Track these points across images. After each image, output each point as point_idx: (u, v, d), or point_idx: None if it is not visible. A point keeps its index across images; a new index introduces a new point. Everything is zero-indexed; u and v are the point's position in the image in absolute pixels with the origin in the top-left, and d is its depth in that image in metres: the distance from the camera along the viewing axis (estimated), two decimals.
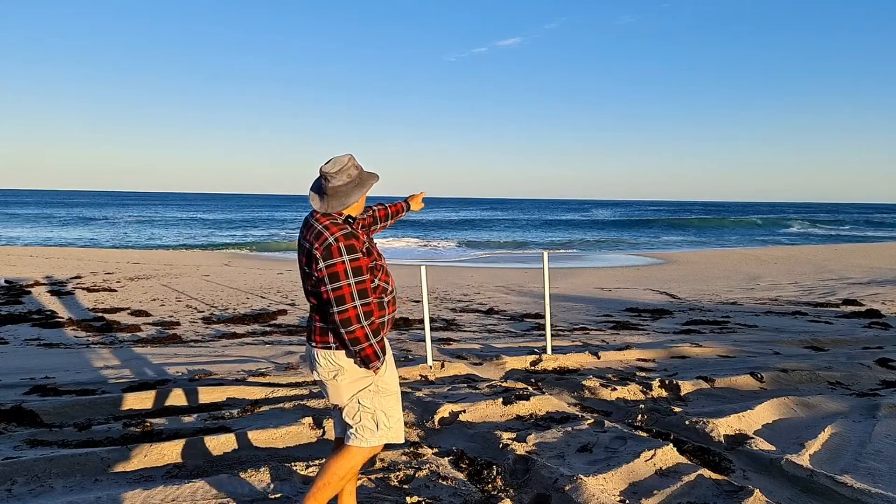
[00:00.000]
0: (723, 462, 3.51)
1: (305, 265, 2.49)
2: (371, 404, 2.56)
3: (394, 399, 2.65)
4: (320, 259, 2.39)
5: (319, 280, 2.41)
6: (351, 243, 2.41)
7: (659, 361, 6.26)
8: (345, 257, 2.38)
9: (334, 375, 2.53)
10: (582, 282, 14.58)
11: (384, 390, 2.60)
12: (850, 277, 15.15)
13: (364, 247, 2.51)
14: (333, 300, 2.38)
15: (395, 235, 33.59)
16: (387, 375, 2.62)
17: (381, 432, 2.58)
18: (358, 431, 2.57)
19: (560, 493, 3.03)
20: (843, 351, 6.75)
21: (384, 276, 2.63)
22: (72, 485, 3.20)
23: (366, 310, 2.42)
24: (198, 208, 74.84)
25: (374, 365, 2.50)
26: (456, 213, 75.98)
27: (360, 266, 2.41)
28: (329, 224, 2.46)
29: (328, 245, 2.39)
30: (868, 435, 3.92)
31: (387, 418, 2.60)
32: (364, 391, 2.55)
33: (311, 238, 2.45)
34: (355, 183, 2.55)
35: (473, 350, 6.73)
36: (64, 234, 34.30)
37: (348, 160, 2.54)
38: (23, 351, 6.73)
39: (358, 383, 2.54)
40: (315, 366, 2.58)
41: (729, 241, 37.77)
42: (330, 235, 2.41)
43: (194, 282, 13.11)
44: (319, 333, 2.54)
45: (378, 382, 2.58)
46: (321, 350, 2.54)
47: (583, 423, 4.09)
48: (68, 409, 4.37)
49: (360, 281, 2.41)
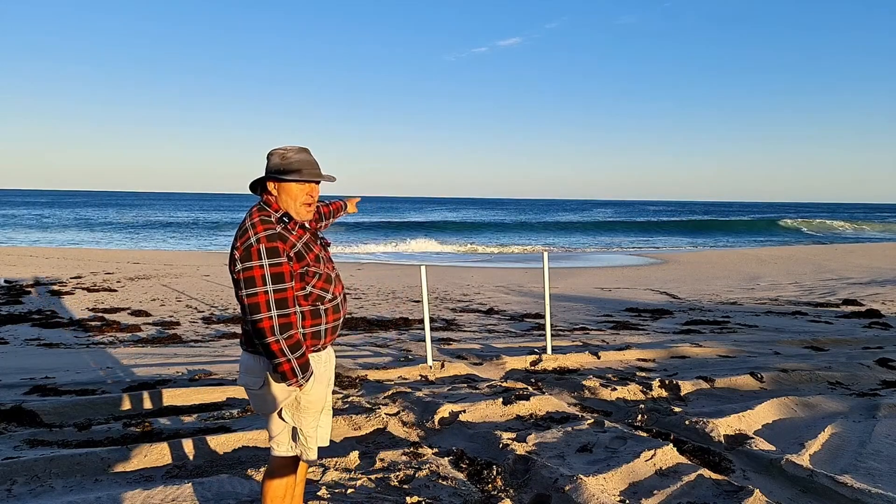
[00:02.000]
0: (723, 462, 3.51)
1: (229, 263, 2.27)
2: (290, 419, 2.40)
3: (313, 416, 2.43)
4: (238, 260, 2.18)
5: (236, 282, 2.21)
6: (274, 245, 2.19)
7: (659, 361, 6.26)
8: (264, 261, 2.16)
9: (260, 385, 2.32)
10: (582, 282, 14.58)
11: (305, 408, 2.39)
12: (850, 277, 15.15)
13: (293, 250, 2.27)
14: (247, 307, 2.16)
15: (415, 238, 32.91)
16: (312, 392, 2.37)
17: (298, 446, 2.44)
18: (277, 439, 2.43)
19: (560, 493, 3.03)
20: (843, 351, 6.75)
21: (321, 283, 2.37)
22: (72, 485, 3.20)
23: (282, 321, 2.18)
24: (198, 208, 75.01)
25: (292, 382, 2.25)
26: (457, 214, 75.93)
27: (281, 272, 2.19)
28: (256, 221, 2.25)
29: (248, 246, 2.18)
30: (868, 435, 3.93)
31: (304, 437, 2.42)
32: (287, 405, 2.37)
33: (236, 234, 2.27)
34: (276, 167, 2.37)
35: (473, 350, 6.74)
36: (64, 234, 34.31)
37: (286, 146, 2.40)
38: (23, 351, 6.73)
39: (280, 396, 2.33)
40: (241, 371, 2.39)
41: (730, 241, 37.76)
42: (253, 235, 2.20)
43: (194, 282, 13.11)
44: (249, 338, 2.31)
45: (300, 398, 2.36)
46: (250, 356, 2.34)
47: (583, 423, 4.09)
48: (68, 409, 4.37)
49: (279, 289, 2.18)
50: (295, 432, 2.43)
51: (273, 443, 2.45)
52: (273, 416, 2.40)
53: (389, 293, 11.97)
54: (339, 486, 3.17)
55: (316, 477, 3.28)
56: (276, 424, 2.41)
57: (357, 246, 28.48)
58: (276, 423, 2.41)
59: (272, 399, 2.34)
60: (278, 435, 2.43)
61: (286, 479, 2.47)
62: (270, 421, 2.42)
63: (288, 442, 2.44)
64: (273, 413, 2.39)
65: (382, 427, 4.14)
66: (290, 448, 2.45)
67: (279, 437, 2.43)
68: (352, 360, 6.05)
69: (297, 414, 2.40)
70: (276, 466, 2.45)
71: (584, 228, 49.58)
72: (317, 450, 2.49)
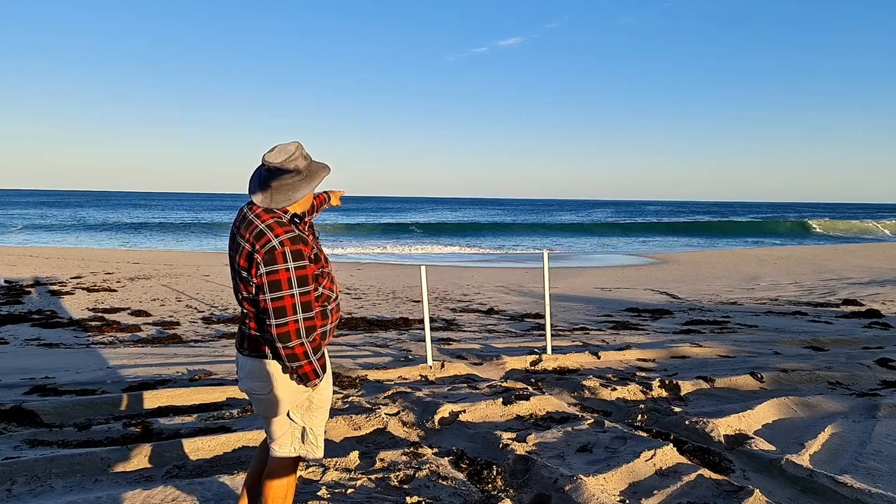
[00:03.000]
0: (723, 462, 3.51)
1: (243, 269, 2.18)
2: (300, 420, 2.38)
3: (324, 414, 2.46)
4: (261, 264, 2.10)
5: (258, 287, 2.13)
6: (298, 248, 2.14)
7: (659, 361, 6.26)
8: (290, 264, 2.11)
9: (269, 390, 2.28)
10: (582, 282, 14.58)
11: (317, 407, 2.41)
12: (850, 277, 15.15)
13: (312, 252, 2.23)
14: (272, 311, 2.11)
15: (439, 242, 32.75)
16: (323, 391, 2.39)
17: (306, 445, 2.43)
18: (282, 442, 2.40)
19: (560, 493, 3.03)
20: (843, 351, 6.75)
21: (329, 284, 2.37)
22: (72, 485, 3.20)
23: (308, 325, 2.16)
24: (198, 208, 74.95)
25: (313, 383, 2.27)
26: (457, 214, 75.91)
27: (305, 275, 2.15)
28: (273, 223, 2.16)
29: (271, 248, 2.10)
30: (868, 435, 3.93)
31: (314, 436, 2.43)
32: (296, 407, 2.36)
33: (250, 237, 2.15)
34: (304, 175, 2.23)
35: (473, 350, 6.74)
36: (64, 234, 34.30)
37: (296, 149, 2.22)
38: (23, 351, 6.73)
39: (291, 398, 2.32)
40: (244, 377, 2.34)
41: (730, 241, 37.73)
42: (274, 237, 2.12)
43: (194, 282, 13.11)
44: (253, 343, 2.28)
45: (312, 398, 2.37)
46: (254, 360, 2.28)
47: (583, 423, 4.09)
48: (68, 409, 4.37)
49: (304, 292, 2.14)
50: (303, 433, 2.42)
51: (275, 444, 2.43)
52: (278, 419, 2.38)
53: (389, 293, 11.97)
54: (339, 486, 3.17)
55: (316, 477, 3.28)
56: (281, 426, 2.39)
57: (357, 247, 28.49)
58: (281, 424, 2.39)
59: (282, 402, 2.32)
60: (281, 436, 2.41)
61: (287, 479, 2.46)
62: (274, 423, 2.40)
63: (291, 443, 2.42)
64: (280, 416, 2.36)
65: (382, 427, 4.14)
66: (294, 449, 2.43)
67: (281, 439, 2.42)
68: (352, 360, 6.05)
69: (307, 414, 2.39)
70: (277, 467, 2.44)
71: (583, 229, 49.50)
72: (323, 449, 2.50)
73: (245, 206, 2.29)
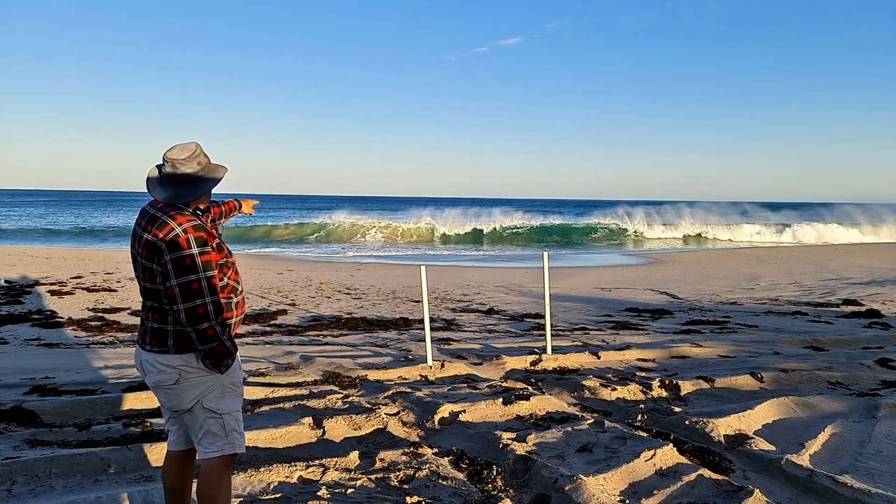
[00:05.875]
0: (723, 462, 3.51)
1: (146, 258, 2.25)
2: (217, 407, 2.36)
3: (238, 398, 2.46)
4: (166, 251, 2.19)
5: (163, 275, 2.21)
6: (201, 235, 2.25)
7: (659, 361, 6.26)
8: (194, 249, 2.21)
9: (175, 381, 2.31)
10: (582, 282, 14.58)
11: (232, 389, 2.40)
12: (850, 277, 15.16)
13: (215, 242, 2.34)
14: (180, 295, 2.18)
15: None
16: (235, 373, 2.42)
17: (229, 437, 2.39)
18: (205, 439, 2.37)
19: (560, 493, 3.04)
20: (843, 351, 6.75)
21: (234, 275, 2.45)
22: (72, 485, 3.20)
23: (216, 306, 2.24)
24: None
25: (226, 363, 2.31)
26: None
27: (210, 261, 2.25)
28: (174, 214, 2.26)
29: (175, 236, 2.20)
30: (868, 435, 3.93)
31: (235, 421, 2.41)
32: (210, 393, 2.34)
33: (153, 229, 2.23)
34: (206, 171, 2.40)
35: (473, 350, 6.74)
36: (64, 235, 34.31)
37: (196, 147, 2.38)
38: (23, 351, 6.73)
39: (201, 385, 2.33)
40: (149, 371, 2.34)
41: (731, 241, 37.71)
42: (177, 226, 2.22)
43: None
44: (156, 335, 2.31)
45: (225, 381, 2.37)
46: (157, 354, 2.31)
47: (583, 423, 4.09)
48: (68, 409, 4.37)
49: (210, 276, 2.24)
50: (223, 423, 2.37)
51: (201, 446, 2.39)
52: (192, 412, 2.35)
53: (389, 293, 11.97)
54: (339, 486, 3.17)
55: (316, 477, 3.28)
56: (196, 419, 2.36)
57: (357, 247, 28.48)
58: (196, 417, 2.36)
59: (192, 389, 2.33)
60: (202, 434, 2.38)
61: (224, 481, 2.41)
62: (189, 418, 2.37)
63: (215, 441, 2.38)
64: (196, 406, 2.34)
65: (382, 427, 4.14)
66: (220, 448, 2.38)
67: (204, 438, 2.38)
68: (352, 360, 6.05)
69: (222, 400, 2.37)
70: (208, 472, 2.39)
71: (582, 230, 49.36)
72: (245, 439, 2.48)
73: (147, 206, 2.38)
